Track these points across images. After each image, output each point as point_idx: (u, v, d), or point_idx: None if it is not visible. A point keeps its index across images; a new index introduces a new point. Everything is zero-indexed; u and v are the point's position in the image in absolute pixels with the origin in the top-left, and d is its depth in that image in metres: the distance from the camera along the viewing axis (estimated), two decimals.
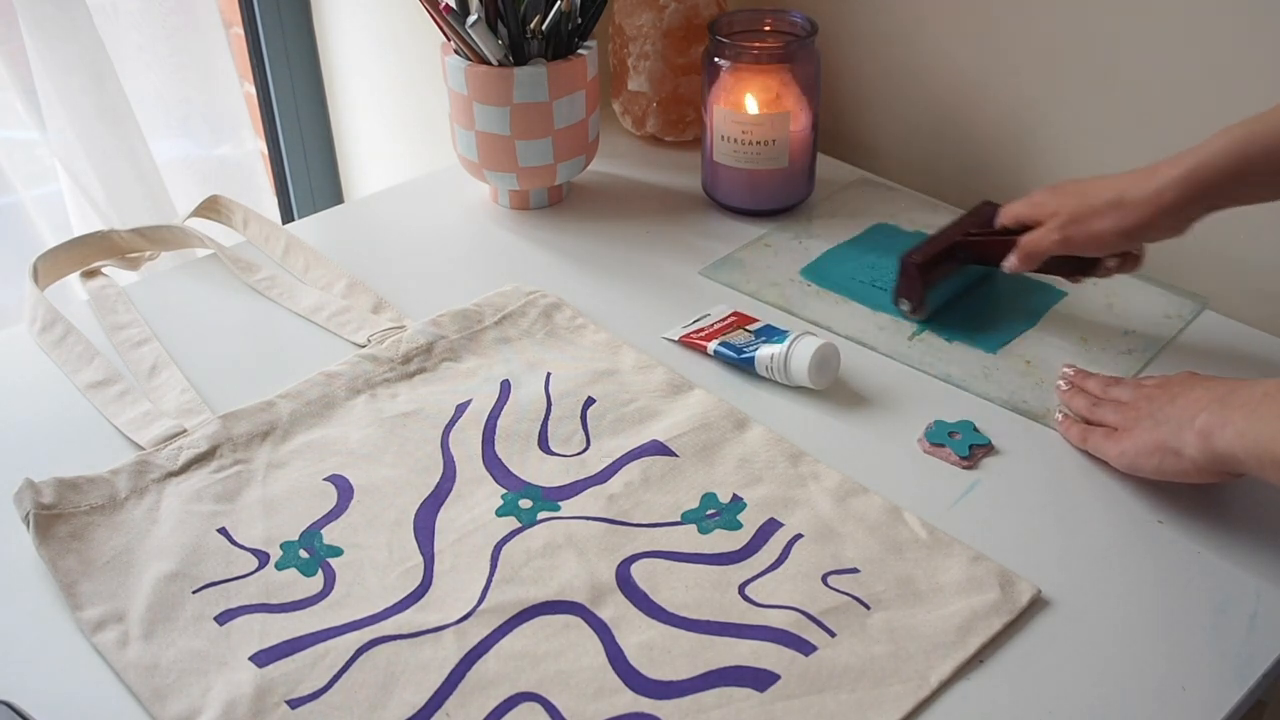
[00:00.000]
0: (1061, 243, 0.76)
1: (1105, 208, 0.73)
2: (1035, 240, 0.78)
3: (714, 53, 0.93)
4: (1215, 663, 0.58)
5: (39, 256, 0.84)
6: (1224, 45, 0.82)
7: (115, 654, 0.58)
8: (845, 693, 0.56)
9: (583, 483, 0.68)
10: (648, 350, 0.80)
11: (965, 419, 0.74)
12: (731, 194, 0.97)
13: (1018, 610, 0.60)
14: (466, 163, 0.95)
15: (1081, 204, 0.75)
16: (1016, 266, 0.79)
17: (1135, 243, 0.76)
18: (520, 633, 0.59)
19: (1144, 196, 0.71)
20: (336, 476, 0.68)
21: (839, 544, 0.64)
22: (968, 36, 0.97)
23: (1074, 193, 0.76)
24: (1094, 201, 0.74)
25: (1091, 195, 0.75)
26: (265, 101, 1.23)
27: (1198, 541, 0.65)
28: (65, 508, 0.64)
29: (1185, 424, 0.62)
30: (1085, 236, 0.75)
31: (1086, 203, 0.75)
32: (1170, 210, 0.71)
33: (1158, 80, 0.86)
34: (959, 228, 0.84)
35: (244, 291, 0.87)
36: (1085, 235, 0.75)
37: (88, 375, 0.76)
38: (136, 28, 1.11)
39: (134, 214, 1.05)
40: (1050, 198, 0.78)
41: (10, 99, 1.03)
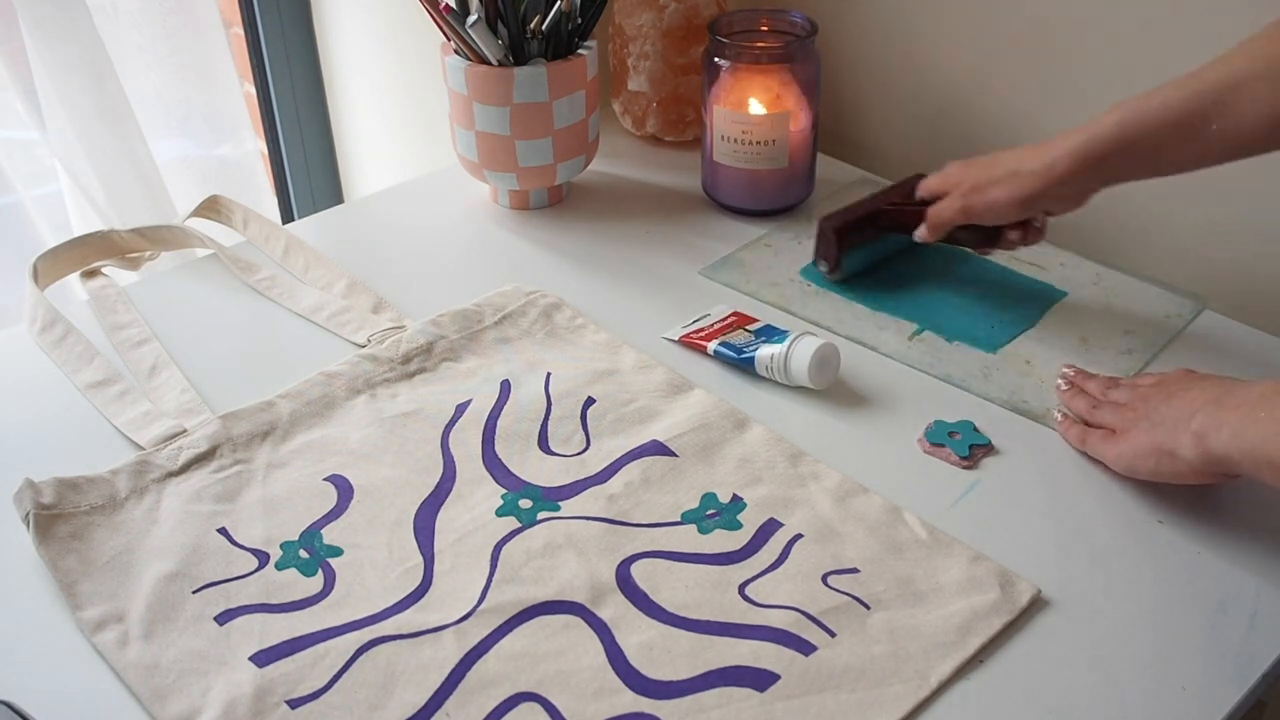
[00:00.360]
0: (962, 211, 0.80)
1: (1003, 177, 0.77)
2: (938, 210, 0.82)
3: (714, 53, 0.93)
4: (1215, 663, 0.58)
5: (39, 256, 0.84)
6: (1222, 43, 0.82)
7: (115, 654, 0.58)
8: (845, 693, 0.56)
9: (583, 483, 0.68)
10: (648, 350, 0.80)
11: (965, 419, 0.74)
12: (731, 194, 0.97)
13: (1018, 610, 0.60)
14: (466, 163, 0.95)
15: (981, 175, 0.78)
16: (925, 235, 0.83)
17: (1031, 212, 0.78)
18: (520, 633, 0.59)
19: (1038, 167, 0.74)
20: (336, 476, 0.68)
21: (839, 544, 0.64)
22: (967, 36, 0.97)
23: (978, 164, 0.80)
24: (993, 172, 0.78)
25: (992, 166, 0.78)
26: (265, 101, 1.23)
27: (1198, 541, 0.65)
28: (65, 508, 0.64)
29: (1181, 426, 0.62)
30: (983, 205, 0.78)
31: (986, 174, 0.78)
32: (1062, 181, 0.74)
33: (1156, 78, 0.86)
34: (883, 197, 0.88)
35: (244, 291, 0.87)
36: (983, 204, 0.78)
37: (88, 375, 0.76)
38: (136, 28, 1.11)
39: (134, 214, 1.05)
40: (957, 170, 0.82)
41: (10, 99, 1.03)
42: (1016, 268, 0.89)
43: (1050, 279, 0.88)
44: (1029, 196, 0.75)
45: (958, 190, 0.80)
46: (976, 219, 0.80)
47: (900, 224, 0.86)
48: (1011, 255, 0.90)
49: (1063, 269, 0.89)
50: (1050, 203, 0.77)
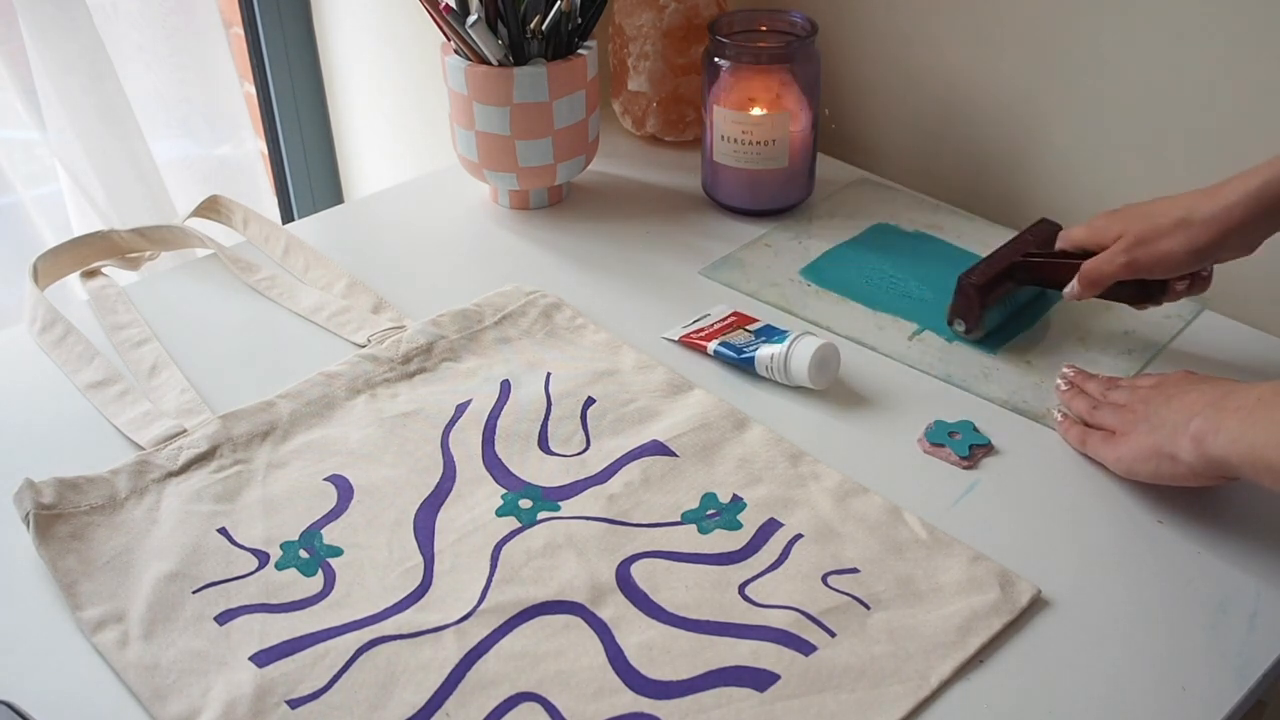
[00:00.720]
0: (1128, 266, 0.73)
1: (1172, 227, 0.71)
2: (1099, 265, 0.75)
3: (714, 53, 0.93)
4: (1215, 663, 0.58)
5: (39, 256, 0.84)
6: (1222, 45, 0.82)
7: (115, 654, 0.58)
8: (845, 693, 0.56)
9: (583, 483, 0.68)
10: (648, 350, 0.80)
11: (965, 419, 0.74)
12: (731, 194, 0.97)
13: (1018, 610, 0.60)
14: (466, 163, 0.95)
15: (1147, 225, 0.72)
16: (1080, 294, 0.77)
17: (1205, 263, 0.72)
18: (520, 633, 0.59)
19: (1212, 214, 0.69)
20: (336, 476, 0.68)
21: (839, 544, 0.64)
22: (968, 36, 0.97)
23: (1138, 215, 0.74)
24: (1160, 222, 0.72)
25: (1157, 215, 0.72)
26: (265, 101, 1.23)
27: (1198, 542, 0.65)
28: (65, 508, 0.64)
29: (1180, 428, 0.62)
30: (1152, 259, 0.72)
31: (1152, 223, 0.72)
32: (1240, 228, 0.69)
33: (1158, 81, 0.86)
34: (1016, 247, 0.82)
35: (244, 291, 0.87)
36: (1152, 257, 0.72)
37: (88, 375, 0.76)
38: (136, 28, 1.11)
39: (134, 214, 1.05)
40: (1112, 221, 0.75)
41: (10, 99, 1.03)
42: None
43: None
44: (1205, 246, 0.70)
45: (1119, 244, 0.74)
46: (1143, 273, 0.73)
47: (1041, 277, 0.81)
48: None
49: None
50: (1225, 251, 0.71)
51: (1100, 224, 0.76)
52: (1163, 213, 0.72)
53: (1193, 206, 0.70)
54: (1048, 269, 0.80)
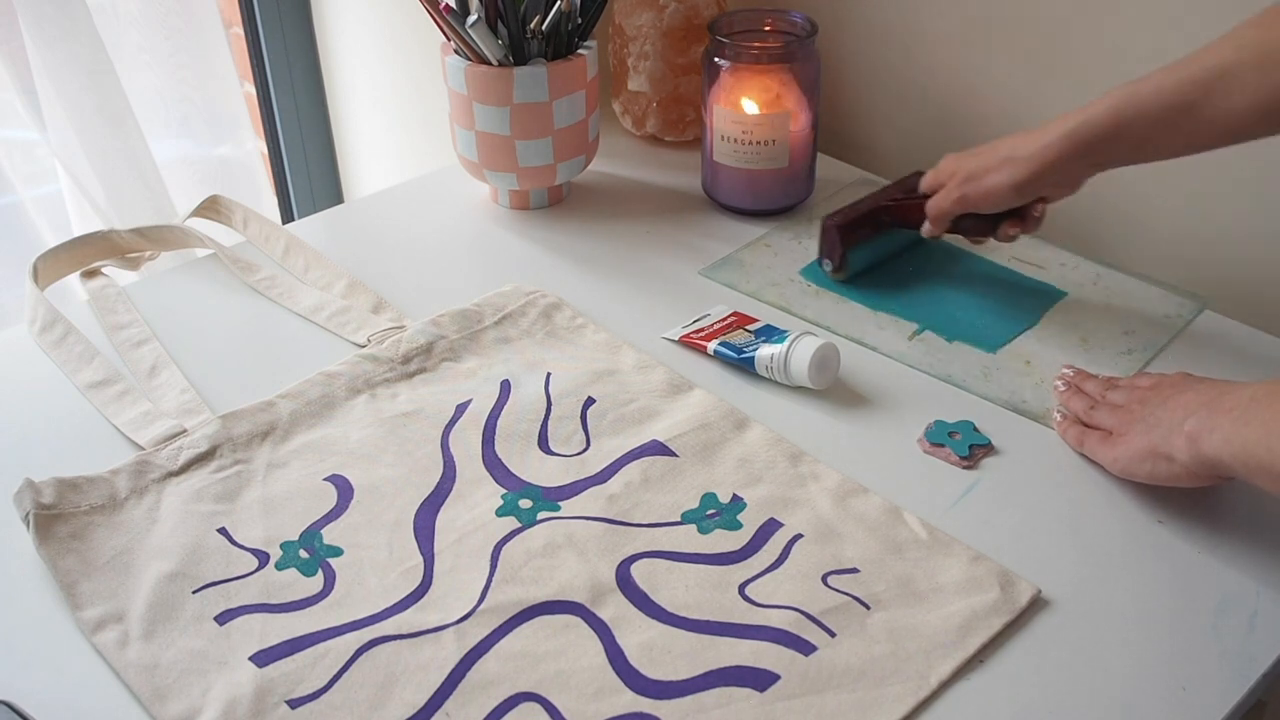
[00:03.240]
0: (960, 201, 0.80)
1: (997, 164, 0.77)
2: (937, 202, 0.82)
3: (714, 53, 0.93)
4: (1215, 663, 0.58)
5: (39, 256, 0.84)
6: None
7: (115, 654, 0.58)
8: (845, 693, 0.56)
9: (583, 483, 0.68)
10: (648, 350, 0.80)
11: (965, 419, 0.74)
12: (731, 194, 0.97)
13: (1018, 610, 0.60)
14: (466, 163, 0.95)
15: (976, 163, 0.79)
16: (929, 231, 0.84)
17: (1027, 197, 0.78)
18: (520, 633, 0.59)
19: (1031, 152, 0.75)
20: (336, 476, 0.68)
21: (839, 544, 0.64)
22: (967, 36, 0.97)
23: (972, 154, 0.80)
24: (987, 160, 0.78)
25: (985, 154, 0.79)
26: (265, 101, 1.23)
27: (1197, 542, 0.65)
28: (65, 508, 0.64)
29: (1175, 429, 0.62)
30: (979, 193, 0.79)
31: (981, 162, 0.79)
32: (1055, 165, 0.74)
33: None
34: (884, 194, 0.88)
35: (244, 291, 0.87)
36: (979, 192, 0.78)
37: (88, 375, 0.76)
38: (136, 28, 1.11)
39: (134, 214, 1.05)
40: (952, 161, 0.82)
41: (10, 99, 1.03)
42: (1016, 268, 0.89)
43: (1050, 279, 0.88)
44: (1023, 181, 0.76)
45: (954, 180, 0.81)
46: (974, 207, 0.80)
47: (903, 220, 0.86)
48: (1012, 255, 0.91)
49: (1063, 269, 0.89)
50: (1045, 187, 0.77)
51: (944, 165, 0.83)
52: (991, 151, 0.78)
53: (1016, 145, 0.76)
54: (904, 209, 0.86)
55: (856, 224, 0.86)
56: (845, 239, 0.85)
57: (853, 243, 0.86)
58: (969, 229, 0.83)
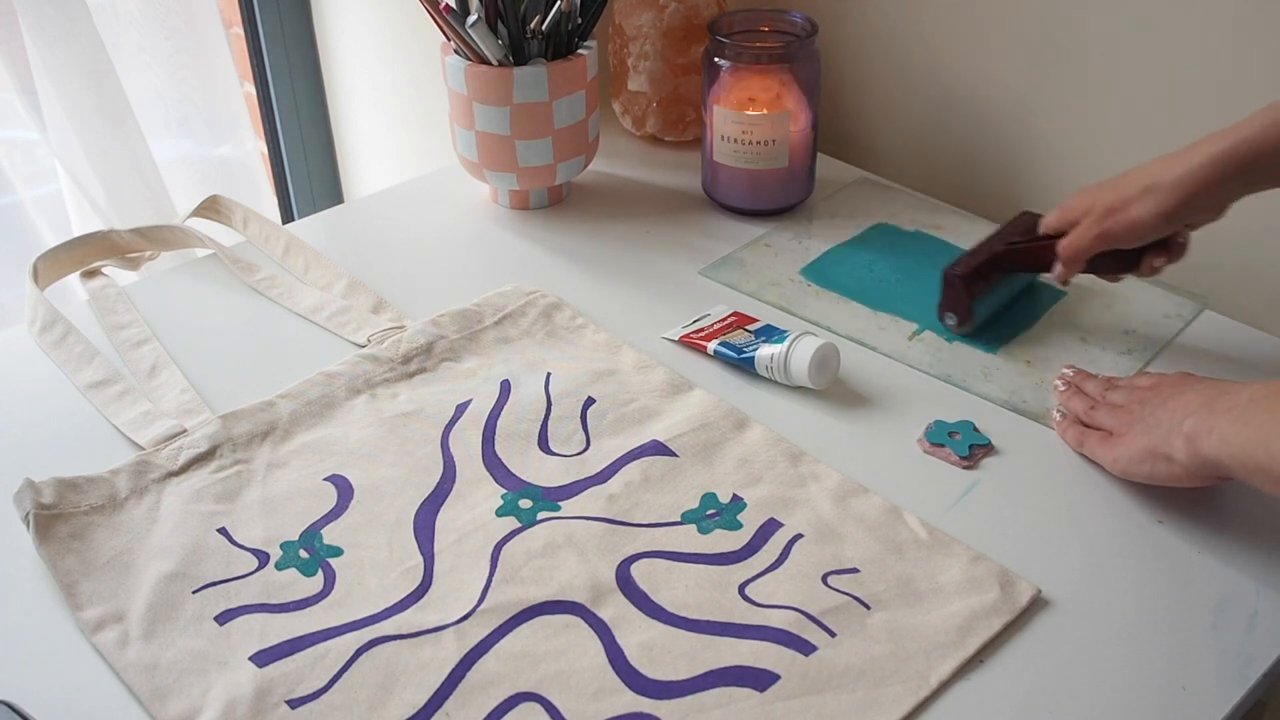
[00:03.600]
0: (1100, 238, 0.74)
1: (1140, 194, 0.72)
2: (1074, 241, 0.76)
3: (714, 53, 0.93)
4: (1215, 663, 0.58)
5: (39, 256, 0.84)
6: (1221, 45, 0.82)
7: (115, 654, 0.58)
8: (845, 693, 0.56)
9: (583, 483, 0.68)
10: (648, 350, 0.80)
11: (965, 419, 0.74)
12: (731, 194, 0.97)
13: (1018, 610, 0.60)
14: (466, 163, 0.95)
15: (1115, 195, 0.73)
16: (1063, 274, 0.78)
17: (1174, 226, 0.73)
18: (520, 633, 0.59)
19: (1178, 178, 0.70)
20: (336, 476, 0.68)
21: (839, 544, 0.64)
22: (968, 36, 0.97)
23: (1107, 187, 0.74)
24: (1127, 191, 0.72)
25: (1124, 185, 0.73)
26: (265, 101, 1.23)
27: (1197, 542, 0.65)
28: (65, 508, 0.64)
29: (1174, 429, 0.62)
30: (1123, 227, 0.73)
31: (1119, 193, 0.73)
32: (1206, 189, 0.69)
33: (1156, 79, 0.86)
34: (999, 238, 0.82)
35: (244, 291, 0.87)
36: (1123, 226, 0.73)
37: (88, 375, 0.76)
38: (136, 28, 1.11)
39: (134, 214, 1.05)
40: (1082, 198, 0.76)
41: (10, 99, 1.03)
42: None
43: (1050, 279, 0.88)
44: (1171, 209, 0.70)
45: (1090, 217, 0.75)
46: (1117, 243, 0.74)
47: (1028, 264, 0.81)
48: None
49: None
50: (1193, 214, 0.71)
51: (1072, 203, 0.77)
52: (1130, 182, 0.72)
53: (1159, 172, 0.71)
54: (1030, 253, 0.80)
55: (980, 273, 0.80)
56: (970, 290, 0.80)
57: (978, 293, 0.80)
58: (1107, 267, 0.77)
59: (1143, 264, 0.76)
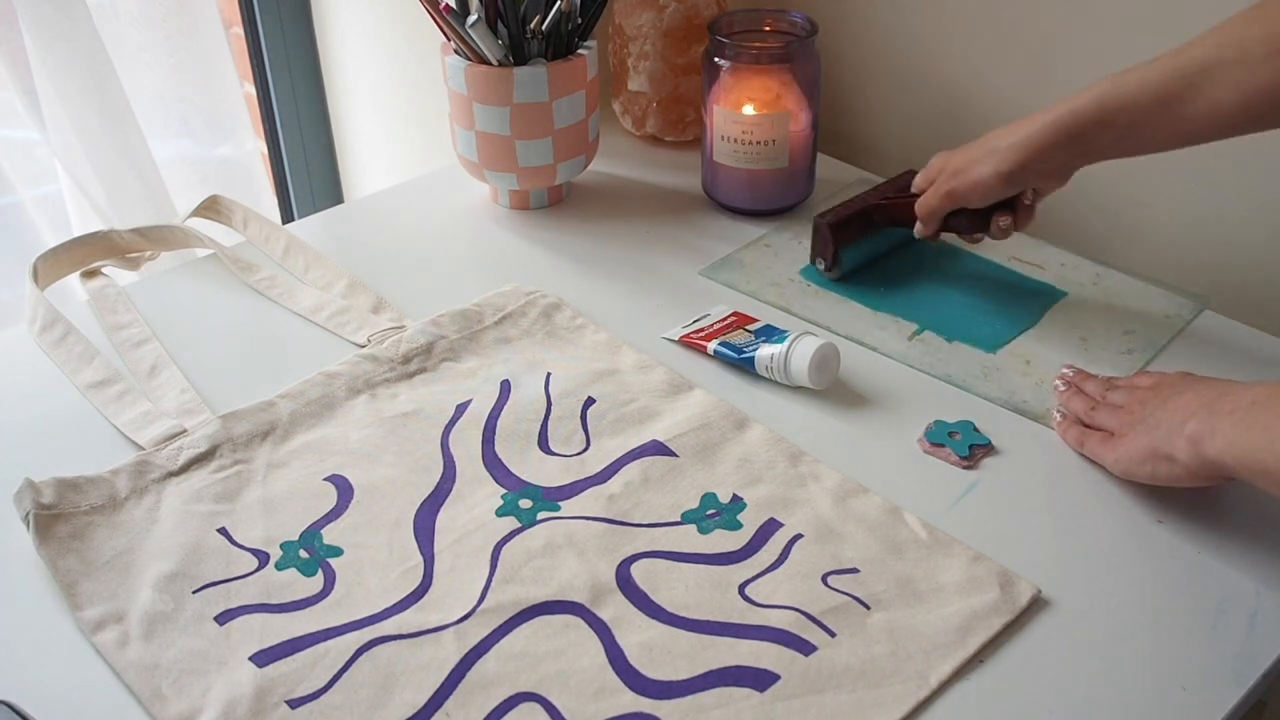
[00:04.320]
0: (947, 196, 0.80)
1: (983, 155, 0.77)
2: (925, 200, 0.82)
3: (714, 53, 0.93)
4: (1215, 663, 0.58)
5: (39, 256, 0.84)
6: None
7: (115, 654, 0.58)
8: (845, 693, 0.56)
9: (583, 483, 0.68)
10: (648, 350, 0.80)
11: (965, 419, 0.74)
12: (731, 194, 0.97)
13: (1018, 610, 0.60)
14: (466, 163, 0.95)
15: (963, 158, 0.79)
16: (921, 231, 0.84)
17: (1015, 188, 0.78)
18: (520, 633, 0.59)
19: (1015, 141, 0.75)
20: (336, 476, 0.68)
21: (839, 544, 0.64)
22: (967, 36, 0.97)
23: (959, 151, 0.80)
24: (973, 153, 0.78)
25: (972, 149, 0.79)
26: (265, 101, 1.23)
27: (1197, 542, 0.65)
28: (65, 508, 0.64)
29: (1176, 430, 0.62)
30: (966, 186, 0.79)
31: (966, 155, 0.79)
32: (1041, 154, 0.74)
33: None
34: (876, 193, 0.88)
35: (244, 291, 0.87)
36: (966, 185, 0.79)
37: (88, 375, 0.76)
38: (136, 28, 1.11)
39: (134, 214, 1.05)
40: (937, 160, 0.82)
41: (10, 99, 1.03)
42: (1016, 268, 0.89)
43: (1050, 279, 0.88)
44: (1009, 171, 0.76)
45: (941, 178, 0.81)
46: (963, 201, 0.80)
47: (896, 218, 0.87)
48: (1011, 255, 0.91)
49: (1063, 269, 0.89)
50: (1033, 178, 0.77)
51: (933, 164, 0.83)
52: (978, 146, 0.78)
53: (1001, 137, 0.77)
54: (895, 209, 0.87)
55: (848, 222, 0.86)
56: (837, 237, 0.86)
57: (845, 241, 0.86)
58: (961, 226, 0.83)
59: (991, 224, 0.81)
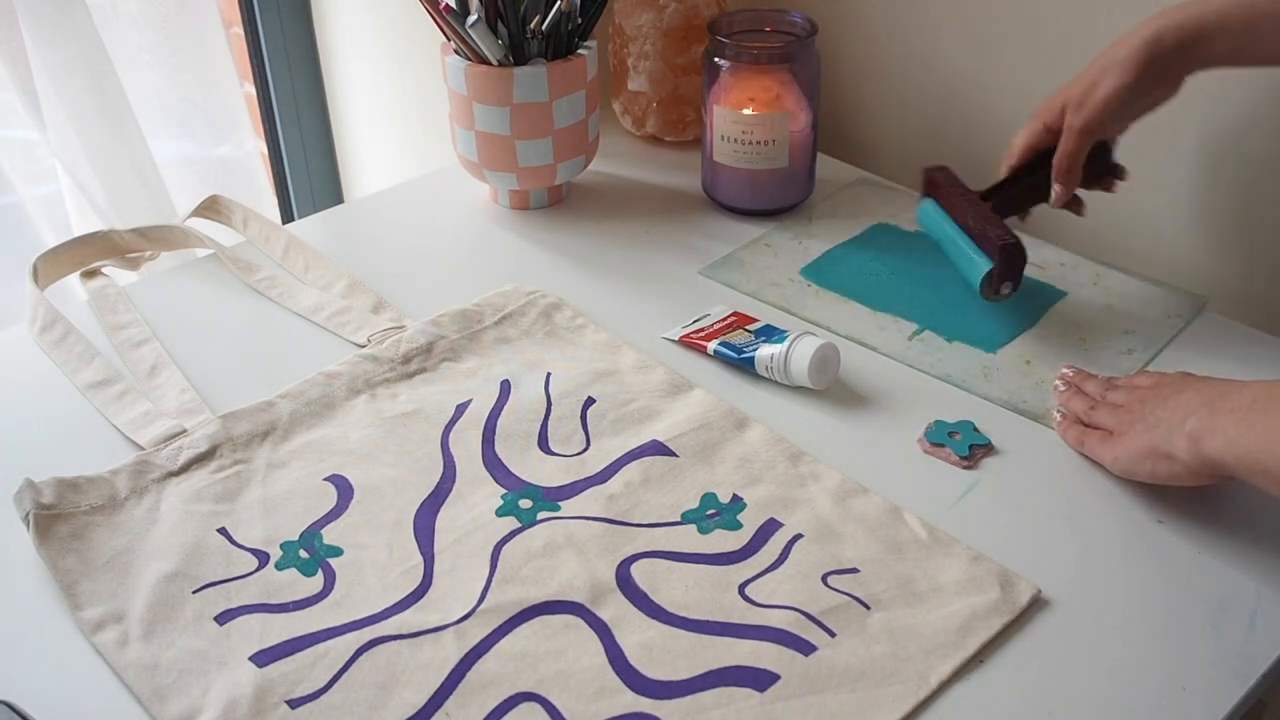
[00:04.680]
0: (1084, 131, 0.76)
1: (1100, 75, 0.74)
2: (1063, 153, 0.78)
3: (714, 53, 0.93)
4: (1215, 663, 0.58)
5: (39, 256, 0.84)
6: None
7: (115, 654, 0.58)
8: (845, 693, 0.56)
9: (583, 483, 0.68)
10: (648, 350, 0.80)
11: (965, 419, 0.74)
12: (731, 194, 0.97)
13: (1018, 610, 0.60)
14: (466, 163, 0.95)
15: (1078, 88, 0.76)
16: (1063, 193, 0.80)
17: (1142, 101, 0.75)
18: (520, 633, 0.59)
19: (1132, 49, 0.73)
20: (336, 476, 0.68)
21: (839, 544, 0.64)
22: (967, 36, 0.97)
23: (1065, 90, 0.77)
24: (1088, 78, 0.75)
25: (1082, 79, 0.76)
26: (265, 101, 1.23)
27: (1197, 542, 0.65)
28: (65, 508, 0.64)
29: (1176, 428, 0.62)
30: (1098, 109, 0.75)
31: (1081, 85, 0.76)
32: (1163, 57, 0.72)
33: None
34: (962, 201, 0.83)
35: (244, 291, 0.87)
36: (1097, 108, 0.75)
37: (88, 375, 0.76)
38: (136, 28, 1.11)
39: (134, 214, 1.05)
40: (1043, 107, 0.79)
41: (10, 99, 1.03)
42: None
43: (1050, 279, 0.88)
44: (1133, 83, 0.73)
45: (1066, 118, 0.77)
46: (1099, 131, 0.76)
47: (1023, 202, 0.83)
48: None
49: (1063, 269, 0.89)
50: (1154, 86, 0.75)
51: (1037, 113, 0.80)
52: (1085, 74, 0.76)
53: (1110, 54, 0.75)
54: (1022, 193, 0.82)
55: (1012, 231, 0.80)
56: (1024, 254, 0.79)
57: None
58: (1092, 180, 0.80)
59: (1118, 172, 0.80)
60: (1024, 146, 0.81)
